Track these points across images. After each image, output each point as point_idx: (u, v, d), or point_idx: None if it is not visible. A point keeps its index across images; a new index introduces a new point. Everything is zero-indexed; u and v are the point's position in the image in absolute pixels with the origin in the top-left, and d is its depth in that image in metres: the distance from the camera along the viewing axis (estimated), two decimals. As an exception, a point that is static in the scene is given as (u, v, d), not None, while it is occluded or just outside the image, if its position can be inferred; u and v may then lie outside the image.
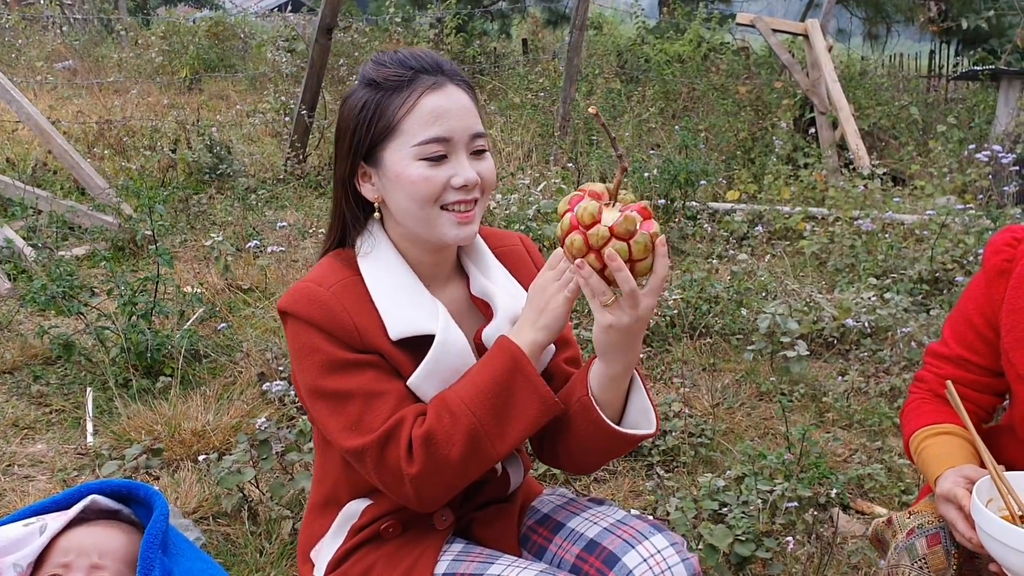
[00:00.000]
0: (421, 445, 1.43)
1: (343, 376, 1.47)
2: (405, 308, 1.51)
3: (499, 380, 1.45)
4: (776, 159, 6.65)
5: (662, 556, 1.50)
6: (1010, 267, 1.68)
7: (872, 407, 3.51)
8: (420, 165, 1.47)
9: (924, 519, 1.65)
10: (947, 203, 5.47)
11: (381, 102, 1.48)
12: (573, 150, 7.26)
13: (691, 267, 4.88)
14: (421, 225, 1.52)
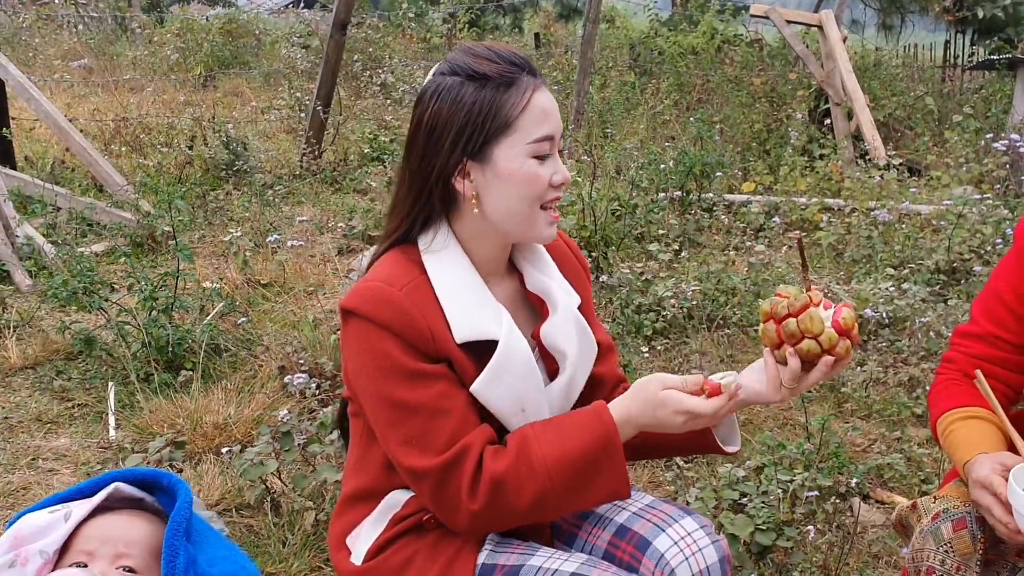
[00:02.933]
0: (489, 487, 1.43)
1: (411, 387, 1.45)
2: (471, 310, 1.49)
3: (588, 455, 1.45)
4: (792, 150, 6.63)
5: (692, 539, 1.52)
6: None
7: (891, 397, 3.50)
8: (533, 163, 1.47)
9: (950, 503, 1.65)
10: (964, 193, 5.44)
11: (496, 99, 1.45)
12: (588, 143, 7.26)
13: (708, 259, 4.88)
14: (520, 223, 1.51)
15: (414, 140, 1.52)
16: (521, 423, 1.53)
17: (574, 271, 1.72)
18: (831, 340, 1.44)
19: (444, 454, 1.44)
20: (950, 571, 1.59)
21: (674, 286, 4.30)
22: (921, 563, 1.63)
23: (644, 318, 4.17)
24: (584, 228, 4.88)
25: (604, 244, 4.95)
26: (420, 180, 1.52)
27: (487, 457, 1.46)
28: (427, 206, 1.53)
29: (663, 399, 1.45)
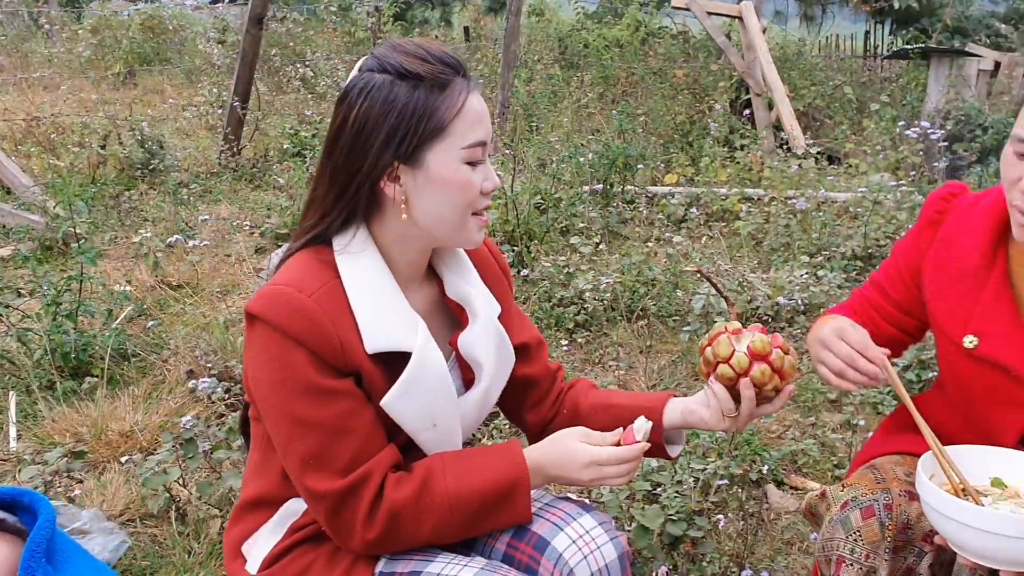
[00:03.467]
0: (386, 518, 1.41)
1: (314, 403, 1.39)
2: (385, 319, 1.44)
3: (495, 493, 1.45)
4: (712, 141, 6.69)
5: (591, 536, 1.50)
6: (940, 218, 1.72)
7: (805, 383, 3.54)
8: (466, 169, 1.42)
9: (858, 491, 1.66)
10: (880, 180, 5.55)
11: (430, 101, 1.39)
12: (513, 137, 7.24)
13: (630, 251, 4.89)
14: (450, 229, 1.47)
15: (339, 138, 1.44)
16: (431, 438, 1.51)
17: (495, 276, 1.69)
18: (741, 364, 1.50)
19: (344, 478, 1.40)
20: (859, 559, 1.60)
21: (594, 279, 4.29)
22: (831, 552, 1.64)
23: (565, 311, 4.16)
24: (507, 222, 4.85)
25: (527, 238, 4.93)
26: (343, 180, 1.44)
27: (389, 485, 1.42)
28: (349, 207, 1.45)
29: (573, 450, 1.49)
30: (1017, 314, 1.59)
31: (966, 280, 1.64)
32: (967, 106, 6.91)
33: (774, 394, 1.54)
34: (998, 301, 1.60)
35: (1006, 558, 1.38)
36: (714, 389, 1.55)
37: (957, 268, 1.66)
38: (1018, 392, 1.58)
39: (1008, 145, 1.50)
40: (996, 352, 1.58)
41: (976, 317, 1.62)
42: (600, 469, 1.49)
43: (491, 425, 3.06)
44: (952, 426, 1.76)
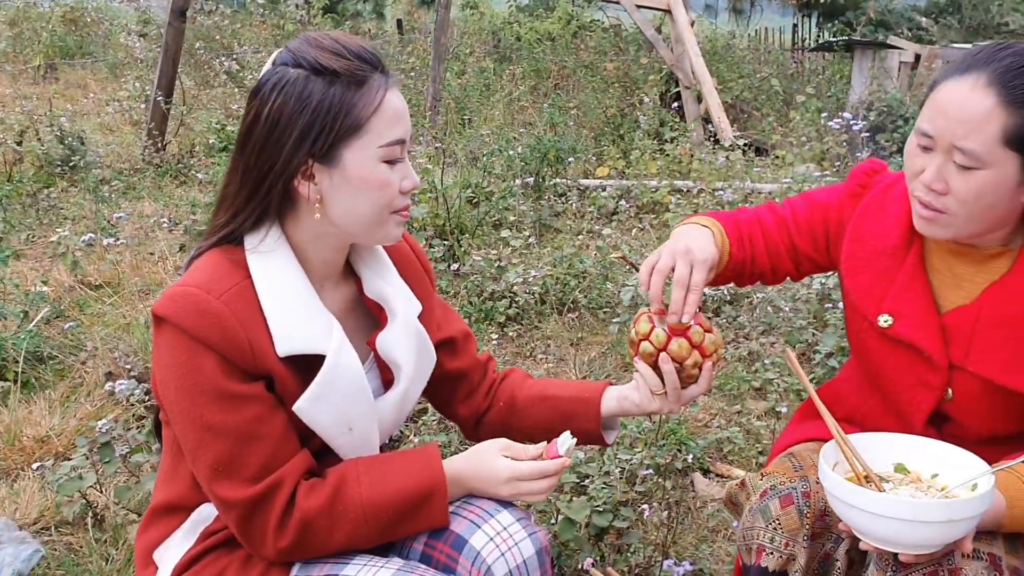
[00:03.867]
0: (298, 526, 1.38)
1: (223, 409, 1.35)
2: (297, 321, 1.40)
3: (410, 501, 1.43)
4: (643, 134, 6.75)
5: (508, 533, 1.49)
6: (862, 192, 1.74)
7: (731, 372, 3.59)
8: (384, 168, 1.39)
9: (776, 480, 1.67)
10: (806, 171, 5.65)
11: (347, 98, 1.35)
12: (445, 130, 7.20)
13: (561, 244, 4.91)
14: (368, 228, 1.43)
15: (251, 134, 1.39)
16: (347, 442, 1.48)
17: (415, 273, 1.66)
18: (659, 339, 1.54)
19: (254, 486, 1.37)
20: (779, 548, 1.61)
21: (525, 272, 4.29)
22: (752, 541, 1.65)
23: (496, 305, 4.16)
24: (437, 216, 4.83)
25: (459, 232, 4.91)
26: (256, 178, 1.39)
27: (301, 493, 1.40)
28: (261, 206, 1.41)
29: (494, 464, 1.49)
30: (931, 296, 1.63)
31: (883, 259, 1.66)
32: (889, 97, 7.08)
33: (697, 372, 1.56)
34: (913, 282, 1.63)
35: (904, 541, 1.40)
36: (639, 368, 1.58)
37: (874, 246, 1.68)
38: (928, 373, 1.61)
39: (912, 137, 1.52)
40: (909, 333, 1.61)
41: (891, 297, 1.65)
42: (519, 484, 1.49)
43: (419, 422, 3.04)
44: (870, 405, 1.79)
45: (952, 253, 1.61)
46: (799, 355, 3.78)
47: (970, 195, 1.45)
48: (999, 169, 1.43)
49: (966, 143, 1.41)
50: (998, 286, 1.55)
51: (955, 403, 1.62)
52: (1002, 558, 1.51)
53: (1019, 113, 1.40)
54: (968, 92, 1.42)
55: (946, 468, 1.53)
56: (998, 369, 1.54)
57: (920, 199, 1.51)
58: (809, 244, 1.80)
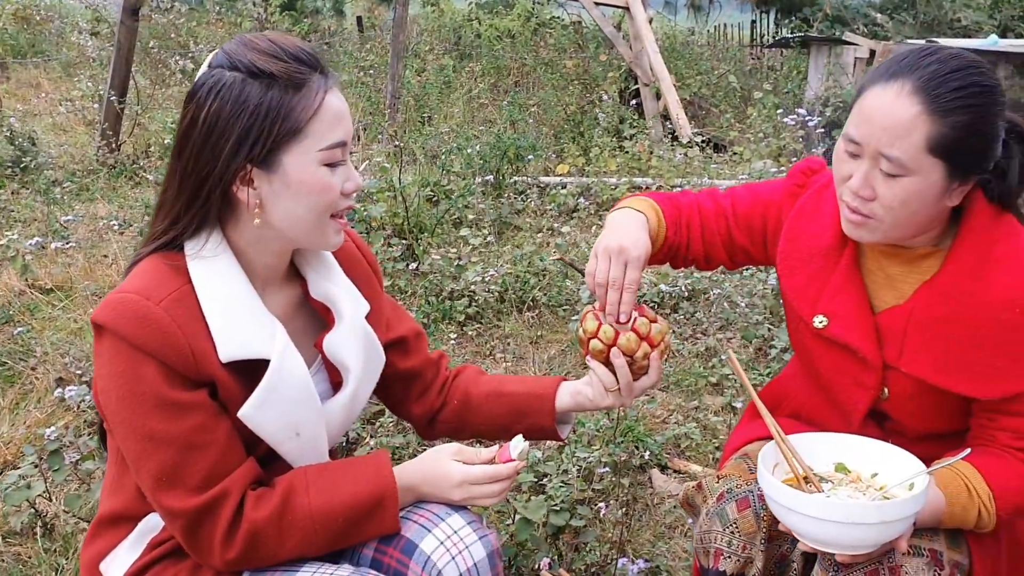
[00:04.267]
0: (247, 537, 1.37)
1: (165, 418, 1.33)
2: (240, 326, 1.38)
3: (360, 510, 1.43)
4: (602, 131, 6.76)
5: (459, 536, 1.49)
6: (799, 191, 1.74)
7: (688, 368, 3.61)
8: (325, 171, 1.37)
9: (733, 483, 1.68)
10: (763, 167, 5.71)
11: (284, 102, 1.33)
12: (404, 128, 7.17)
13: (522, 242, 4.91)
14: (308, 232, 1.41)
15: (188, 139, 1.37)
16: (295, 447, 1.46)
17: (363, 273, 1.65)
18: (607, 334, 1.55)
19: (199, 496, 1.35)
20: (737, 551, 1.62)
21: (484, 271, 4.29)
22: (709, 544, 1.66)
23: (455, 304, 4.15)
24: (396, 215, 4.80)
25: (418, 231, 4.89)
26: (194, 183, 1.37)
27: (248, 504, 1.38)
28: (200, 212, 1.39)
29: (446, 469, 1.49)
30: (865, 297, 1.64)
31: (817, 259, 1.67)
32: (844, 93, 7.16)
33: (647, 363, 1.57)
34: (847, 283, 1.64)
35: (840, 543, 1.42)
36: (592, 366, 1.59)
37: (809, 247, 1.69)
38: (863, 373, 1.63)
39: (840, 142, 1.52)
40: (843, 334, 1.62)
41: (825, 298, 1.66)
42: (472, 488, 1.49)
43: (376, 423, 3.02)
44: (815, 402, 1.80)
45: (885, 254, 1.62)
46: (755, 350, 3.81)
47: (895, 201, 1.45)
48: (924, 176, 1.42)
49: (891, 151, 1.41)
50: (929, 286, 1.56)
51: (891, 402, 1.64)
52: (943, 553, 1.53)
53: (943, 121, 1.40)
54: (893, 100, 1.41)
55: (885, 467, 1.55)
56: (930, 369, 1.55)
57: (848, 204, 1.51)
58: (746, 238, 1.81)
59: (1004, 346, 1.50)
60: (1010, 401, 1.53)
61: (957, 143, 1.40)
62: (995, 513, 1.52)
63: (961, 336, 1.52)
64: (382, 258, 4.30)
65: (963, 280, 1.52)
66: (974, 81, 1.41)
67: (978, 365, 1.52)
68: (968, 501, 1.51)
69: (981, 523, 1.53)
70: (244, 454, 1.43)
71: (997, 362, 1.51)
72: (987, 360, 1.51)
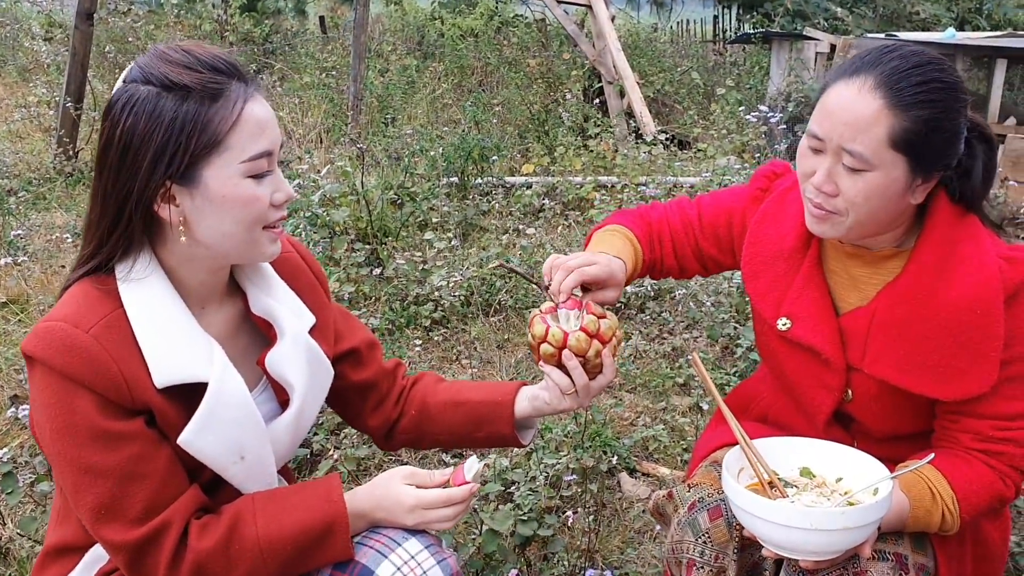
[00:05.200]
0: (192, 569, 1.33)
1: (100, 449, 1.29)
2: (175, 349, 1.34)
3: (311, 536, 1.38)
4: (566, 130, 6.75)
5: (416, 561, 1.46)
6: (763, 196, 1.75)
7: (655, 369, 3.61)
8: (249, 183, 1.32)
9: (704, 492, 1.66)
10: (727, 163, 5.72)
11: (201, 114, 1.28)
12: (368, 130, 7.11)
13: (488, 244, 4.87)
14: (240, 248, 1.37)
15: (105, 158, 1.32)
16: (241, 471, 1.43)
17: (308, 285, 1.61)
18: (556, 337, 1.52)
19: (140, 528, 1.31)
20: (709, 562, 1.61)
21: (448, 275, 4.25)
22: (682, 555, 1.64)
23: (421, 309, 4.11)
24: (359, 219, 4.75)
25: (382, 235, 4.84)
26: (115, 204, 1.33)
27: (193, 534, 1.35)
28: (125, 233, 1.34)
29: (398, 494, 1.45)
30: (828, 299, 1.64)
31: (781, 262, 1.68)
32: (806, 88, 7.19)
33: (601, 361, 1.54)
34: (810, 285, 1.65)
35: (803, 549, 1.42)
36: (545, 371, 1.56)
37: (772, 250, 1.69)
38: (827, 375, 1.63)
39: (804, 138, 1.52)
40: (807, 336, 1.63)
41: (789, 300, 1.66)
42: (425, 513, 1.46)
43: (341, 434, 2.98)
44: (780, 405, 1.81)
45: (848, 255, 1.63)
46: (722, 348, 3.81)
47: (859, 197, 1.45)
48: (887, 171, 1.43)
49: (854, 145, 1.42)
50: (891, 288, 1.57)
51: (855, 404, 1.64)
52: (908, 556, 1.53)
53: (905, 116, 1.41)
54: (855, 95, 1.43)
55: (850, 472, 1.55)
56: (893, 370, 1.56)
57: (812, 200, 1.52)
58: (713, 246, 1.83)
59: (966, 347, 1.50)
60: (972, 403, 1.53)
61: (919, 138, 1.41)
62: (959, 516, 1.53)
63: (923, 337, 1.52)
64: (346, 263, 4.25)
65: (925, 281, 1.52)
66: (935, 77, 1.43)
67: (940, 366, 1.52)
68: (932, 504, 1.51)
69: (945, 526, 1.53)
70: (187, 482, 1.39)
71: (958, 363, 1.51)
72: (949, 361, 1.51)
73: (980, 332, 1.49)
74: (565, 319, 1.54)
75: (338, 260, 4.28)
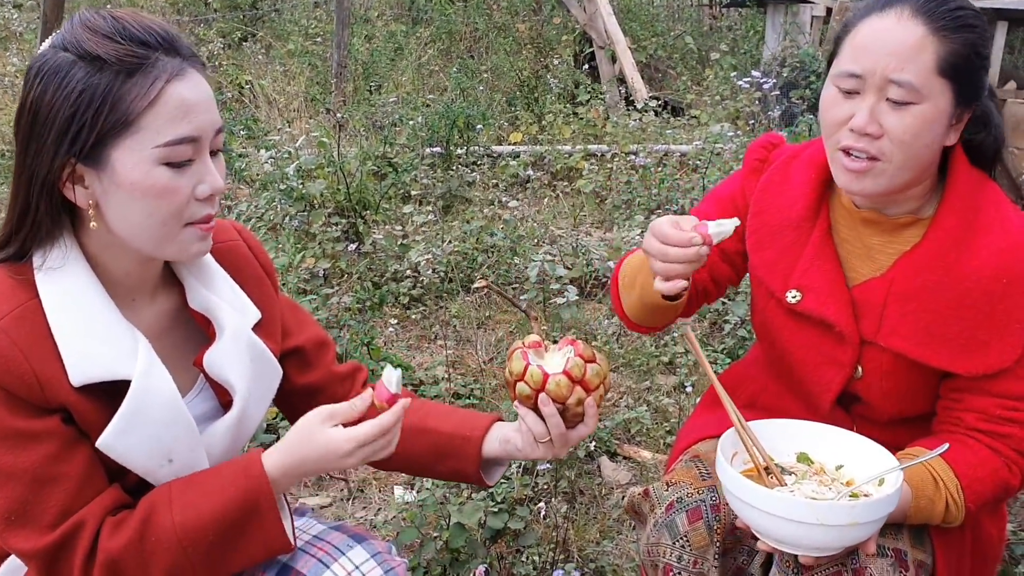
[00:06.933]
0: (105, 569, 1.19)
1: (10, 450, 1.17)
2: (94, 345, 1.21)
3: (231, 517, 1.23)
4: (555, 98, 6.57)
5: (361, 572, 1.35)
6: (762, 167, 1.67)
7: (640, 348, 3.48)
8: (163, 172, 1.18)
9: (683, 491, 1.57)
10: (721, 130, 5.56)
11: (113, 89, 1.15)
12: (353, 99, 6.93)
13: (472, 216, 4.72)
14: (155, 243, 1.23)
15: (18, 128, 1.20)
16: (169, 476, 1.29)
17: (254, 277, 1.46)
18: (535, 378, 1.33)
19: (52, 533, 1.18)
20: (688, 567, 1.52)
21: (427, 249, 4.11)
22: (658, 559, 1.55)
23: (399, 286, 3.97)
24: (337, 192, 4.59)
25: (362, 208, 4.68)
26: (26, 181, 1.20)
27: (104, 534, 1.21)
28: (36, 214, 1.21)
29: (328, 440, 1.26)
30: (840, 270, 1.56)
31: (789, 232, 1.59)
32: (801, 53, 7.01)
33: (583, 411, 1.35)
34: (821, 255, 1.56)
35: (805, 544, 1.33)
36: (520, 413, 1.38)
37: (779, 219, 1.61)
38: (838, 350, 1.54)
39: (829, 86, 1.45)
40: (819, 308, 1.54)
41: (799, 272, 1.57)
42: (364, 450, 1.27)
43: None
44: (773, 390, 1.71)
45: (863, 222, 1.55)
46: (710, 324, 3.69)
47: (907, 134, 1.38)
48: (934, 101, 1.38)
49: (902, 75, 1.36)
50: (909, 257, 1.49)
51: (864, 381, 1.55)
52: (908, 553, 1.46)
53: (951, 39, 1.37)
54: (895, 24, 1.38)
55: (851, 459, 1.46)
56: (911, 343, 1.48)
57: (851, 147, 1.42)
58: (732, 241, 1.71)
59: (991, 318, 1.44)
60: (990, 378, 1.46)
61: (964, 62, 1.38)
62: (964, 505, 1.45)
63: (944, 308, 1.46)
64: (321, 238, 4.10)
65: (947, 249, 1.46)
66: (967, 3, 1.42)
67: (962, 338, 1.45)
68: (935, 493, 1.44)
69: (949, 516, 1.46)
70: (106, 483, 1.26)
71: (981, 335, 1.44)
72: (971, 333, 1.44)
73: (1006, 303, 1.43)
74: (549, 358, 1.36)
75: (314, 235, 4.13)
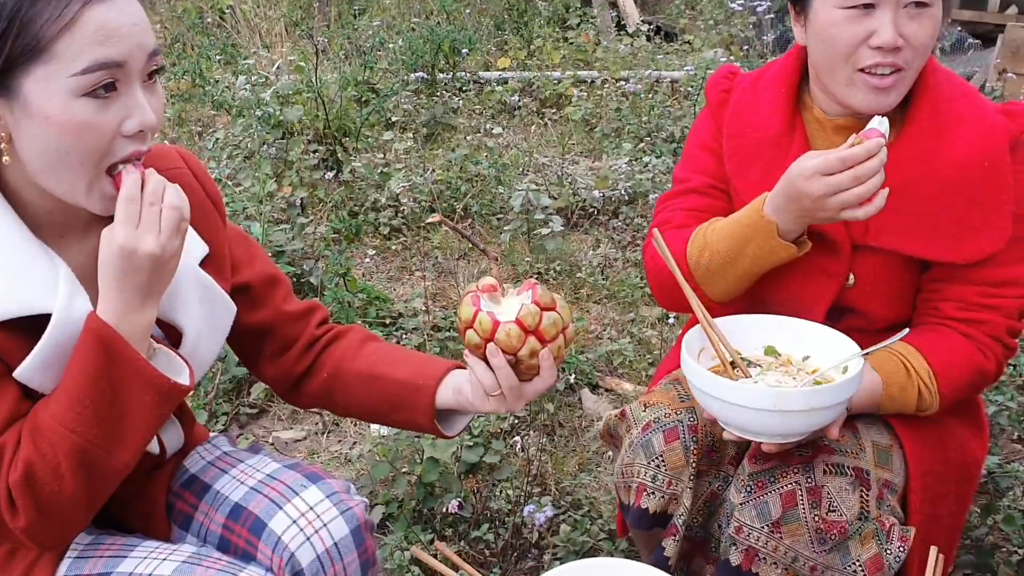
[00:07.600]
0: (21, 491, 1.11)
1: None
2: (8, 278, 1.13)
3: (92, 376, 1.12)
4: (544, 21, 6.38)
5: (315, 513, 1.29)
6: (727, 97, 1.67)
7: (624, 279, 3.40)
8: (81, 104, 1.06)
9: (660, 412, 1.54)
10: (714, 56, 5.40)
11: (23, 10, 1.04)
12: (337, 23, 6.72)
13: (456, 145, 4.59)
14: (68, 186, 1.12)
15: None
16: None
17: (201, 208, 1.34)
18: (484, 326, 1.20)
19: None
20: (662, 487, 1.51)
21: (407, 178, 4.00)
22: (631, 479, 1.53)
23: (379, 216, 3.87)
24: (316, 118, 4.45)
25: (341, 135, 4.55)
26: None
27: (4, 462, 1.12)
28: None
29: None
30: None
31: (767, 150, 1.57)
32: (799, -25, 6.79)
33: (538, 363, 1.22)
34: None
35: (766, 431, 1.34)
36: (470, 363, 1.26)
37: (756, 140, 1.58)
38: (829, 260, 1.52)
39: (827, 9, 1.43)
40: None
41: None
42: None
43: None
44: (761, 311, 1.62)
45: (836, 131, 1.53)
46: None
47: (927, 38, 1.42)
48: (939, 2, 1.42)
49: None
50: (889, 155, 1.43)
51: (856, 290, 1.53)
52: (870, 472, 1.45)
53: None
54: None
55: (818, 350, 1.46)
56: (903, 238, 1.47)
57: (877, 64, 1.42)
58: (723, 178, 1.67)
59: (978, 203, 1.45)
60: (974, 266, 1.46)
61: None
62: (938, 392, 1.45)
63: (931, 199, 1.46)
64: (299, 166, 3.98)
65: (925, 142, 1.47)
66: None
67: (953, 227, 1.45)
68: (907, 381, 1.45)
69: (923, 403, 1.46)
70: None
71: (971, 221, 1.45)
72: (961, 220, 1.45)
73: (991, 185, 1.45)
74: (505, 303, 1.22)
75: (291, 162, 4.01)
